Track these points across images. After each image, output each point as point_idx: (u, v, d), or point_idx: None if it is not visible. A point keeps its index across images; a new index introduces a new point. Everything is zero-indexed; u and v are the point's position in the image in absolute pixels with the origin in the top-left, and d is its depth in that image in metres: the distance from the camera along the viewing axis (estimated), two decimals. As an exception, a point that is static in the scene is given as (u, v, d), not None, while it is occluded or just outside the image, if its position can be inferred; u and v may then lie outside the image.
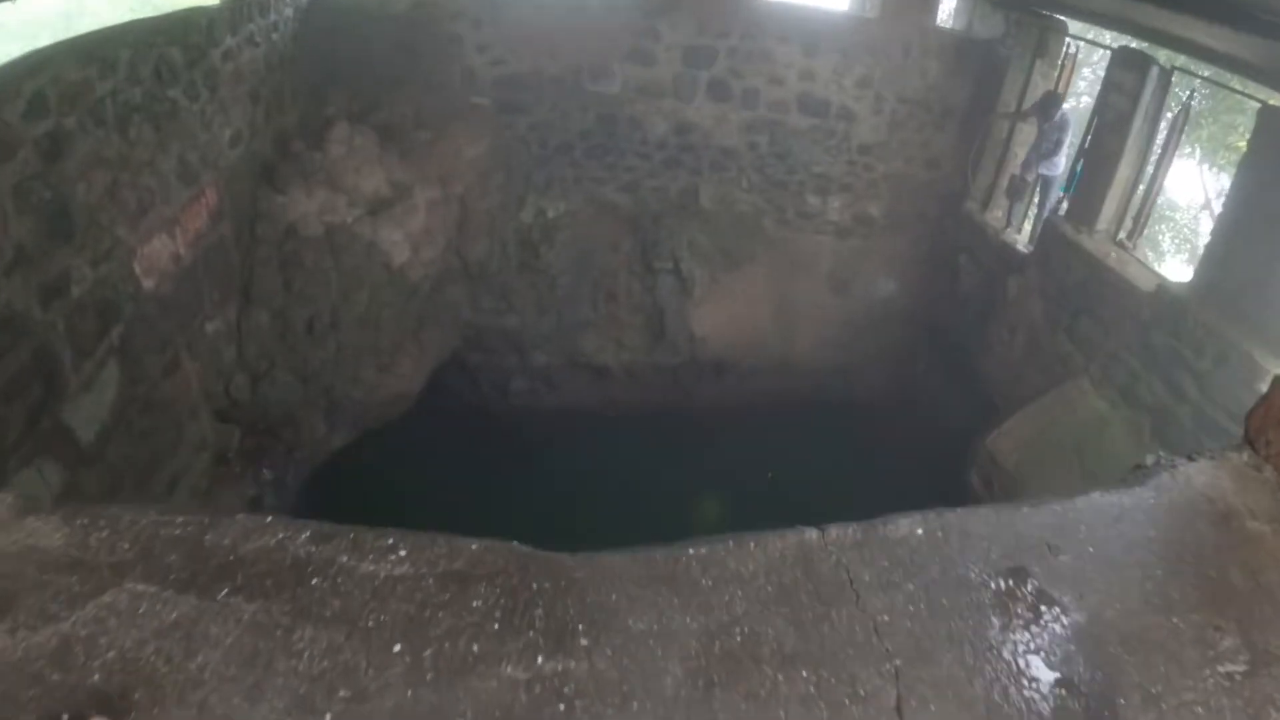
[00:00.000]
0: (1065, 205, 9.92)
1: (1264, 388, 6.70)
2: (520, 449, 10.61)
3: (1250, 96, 9.55)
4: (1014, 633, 1.66)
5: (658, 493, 10.35)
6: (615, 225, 10.77)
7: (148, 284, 6.25)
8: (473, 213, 9.62)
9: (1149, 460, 2.07)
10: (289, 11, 7.69)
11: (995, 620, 1.68)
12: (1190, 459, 2.07)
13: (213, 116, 6.55)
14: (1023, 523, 1.83)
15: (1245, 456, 2.06)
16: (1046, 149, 9.88)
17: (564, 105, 10.03)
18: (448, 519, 7.65)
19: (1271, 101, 8.37)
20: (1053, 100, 9.78)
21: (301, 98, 8.02)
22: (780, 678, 1.62)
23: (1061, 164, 10.08)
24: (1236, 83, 9.24)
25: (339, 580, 1.77)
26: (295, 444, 8.45)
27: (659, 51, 10.02)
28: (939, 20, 11.60)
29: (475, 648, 1.65)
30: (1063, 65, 10.59)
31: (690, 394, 11.60)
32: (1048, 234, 9.77)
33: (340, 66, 8.27)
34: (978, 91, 10.97)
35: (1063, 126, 9.80)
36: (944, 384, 11.40)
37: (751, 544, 1.97)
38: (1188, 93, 9.70)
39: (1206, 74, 9.35)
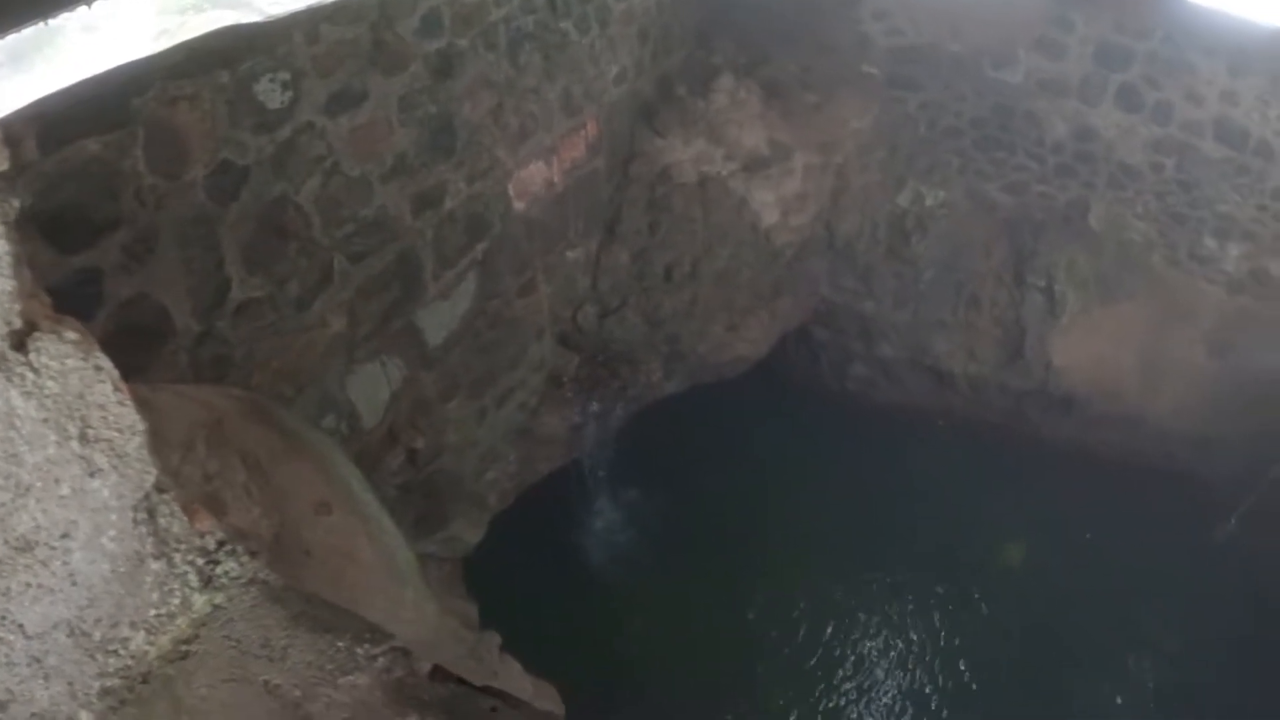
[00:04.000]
0: None
1: None
2: (844, 435, 10.17)
3: None
4: None
5: (966, 518, 9.60)
6: (992, 227, 9.79)
7: (519, 206, 6.51)
8: (849, 186, 9.18)
9: None
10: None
11: None
12: None
13: (601, 51, 6.66)
14: None
15: None
16: None
17: (959, 88, 9.17)
18: (753, 486, 7.64)
19: None
20: None
21: (689, 42, 7.98)
22: None
23: None
24: None
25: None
26: (629, 382, 8.60)
27: (1070, 44, 8.83)
28: None
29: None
30: None
31: (1029, 426, 10.43)
32: None
33: (731, 14, 8.12)
34: None
35: None
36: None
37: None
38: None
39: None
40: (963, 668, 8.55)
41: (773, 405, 9.91)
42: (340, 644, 1.47)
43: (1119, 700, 8.60)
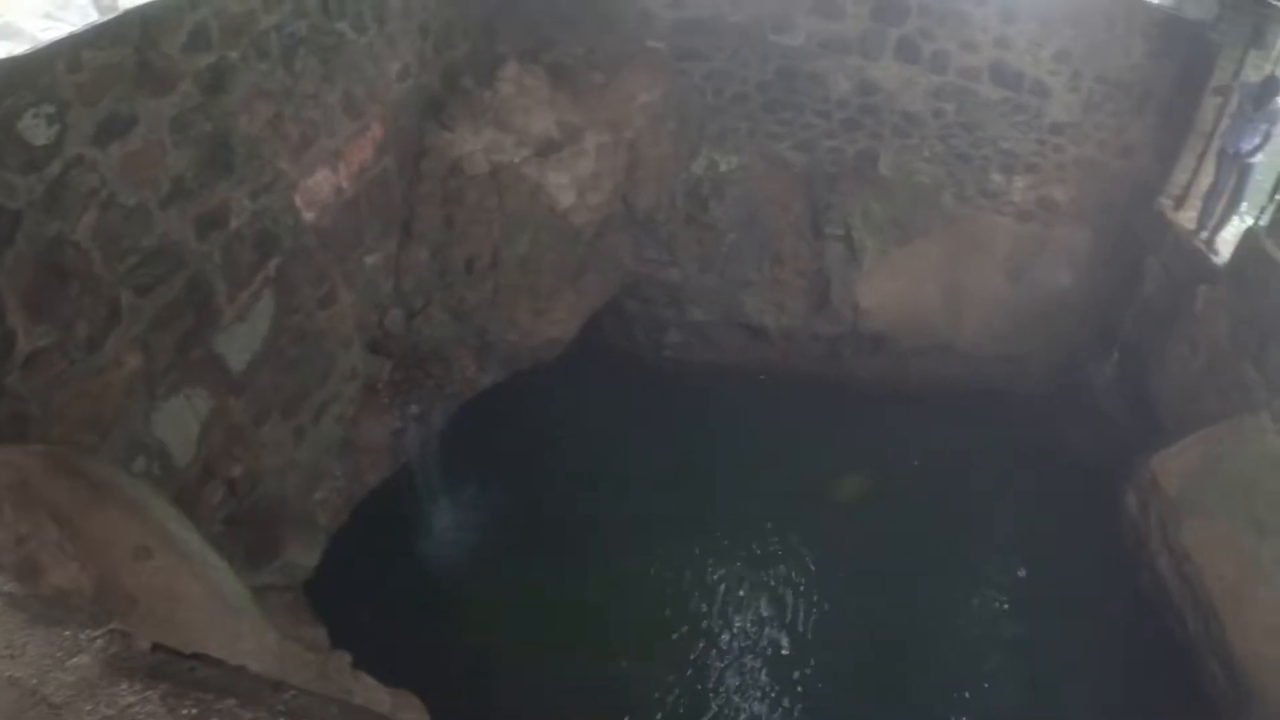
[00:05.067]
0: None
1: None
2: (667, 401, 10.46)
3: None
4: None
5: (802, 461, 10.08)
6: (787, 184, 10.25)
7: (308, 216, 6.28)
8: (643, 160, 9.32)
9: None
10: (460, -54, 7.55)
11: None
12: None
13: (381, 49, 6.47)
14: None
15: None
16: (1247, 130, 8.72)
17: (743, 55, 9.52)
18: (586, 465, 7.70)
19: None
20: (1274, 86, 8.57)
21: (473, 32, 7.88)
22: None
23: (1260, 153, 8.87)
24: None
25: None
26: (444, 380, 8.50)
27: (847, 4, 9.36)
28: None
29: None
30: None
31: (845, 366, 11.08)
32: (1246, 246, 8.58)
33: (515, 2, 8.06)
34: (1183, 78, 9.70)
35: (1272, 115, 8.60)
36: (1113, 391, 10.43)
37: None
38: None
39: None
40: (816, 603, 8.93)
41: (593, 382, 10.01)
42: (67, 633, 1.72)
43: (974, 602, 9.32)
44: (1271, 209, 8.67)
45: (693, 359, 10.92)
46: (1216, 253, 9.21)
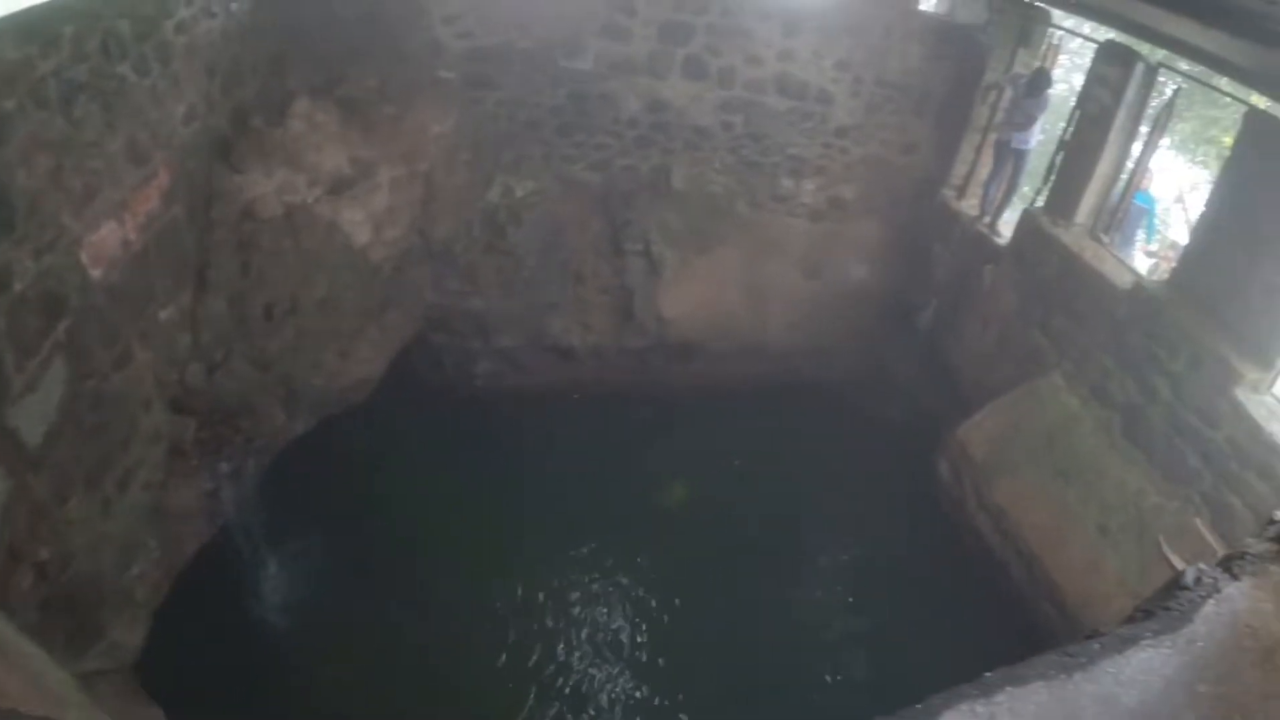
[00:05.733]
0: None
1: (1238, 393, 6.70)
2: (485, 431, 10.40)
3: (1235, 98, 9.45)
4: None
5: (624, 475, 10.24)
6: (585, 205, 10.46)
7: (96, 273, 5.86)
8: (438, 191, 9.27)
9: (1190, 577, 2.06)
10: (249, -21, 7.23)
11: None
12: (1232, 575, 2.07)
13: (165, 92, 6.12)
14: (1075, 694, 1.73)
15: (1283, 566, 2.06)
16: (1020, 120, 9.80)
17: (534, 81, 9.66)
18: (410, 503, 7.54)
19: (1258, 104, 8.29)
20: (1043, 78, 9.68)
21: (261, 70, 7.56)
22: None
23: (1033, 140, 10.01)
24: (1222, 82, 9.10)
25: None
26: (253, 433, 8.12)
27: (634, 27, 9.68)
28: (922, 4, 11.40)
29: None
30: (1045, 54, 10.49)
31: (658, 377, 11.42)
32: (1025, 226, 9.65)
33: (303, 37, 7.80)
34: (958, 78, 10.80)
35: (1042, 105, 9.72)
36: (915, 370, 11.34)
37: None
38: (1172, 89, 9.57)
39: (1189, 70, 9.25)
40: (657, 615, 9.09)
41: (407, 419, 9.84)
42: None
43: (816, 593, 9.74)
44: (1046, 191, 9.76)
45: (505, 386, 10.92)
46: (999, 235, 10.29)
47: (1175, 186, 15.56)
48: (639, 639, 8.84)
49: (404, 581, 8.57)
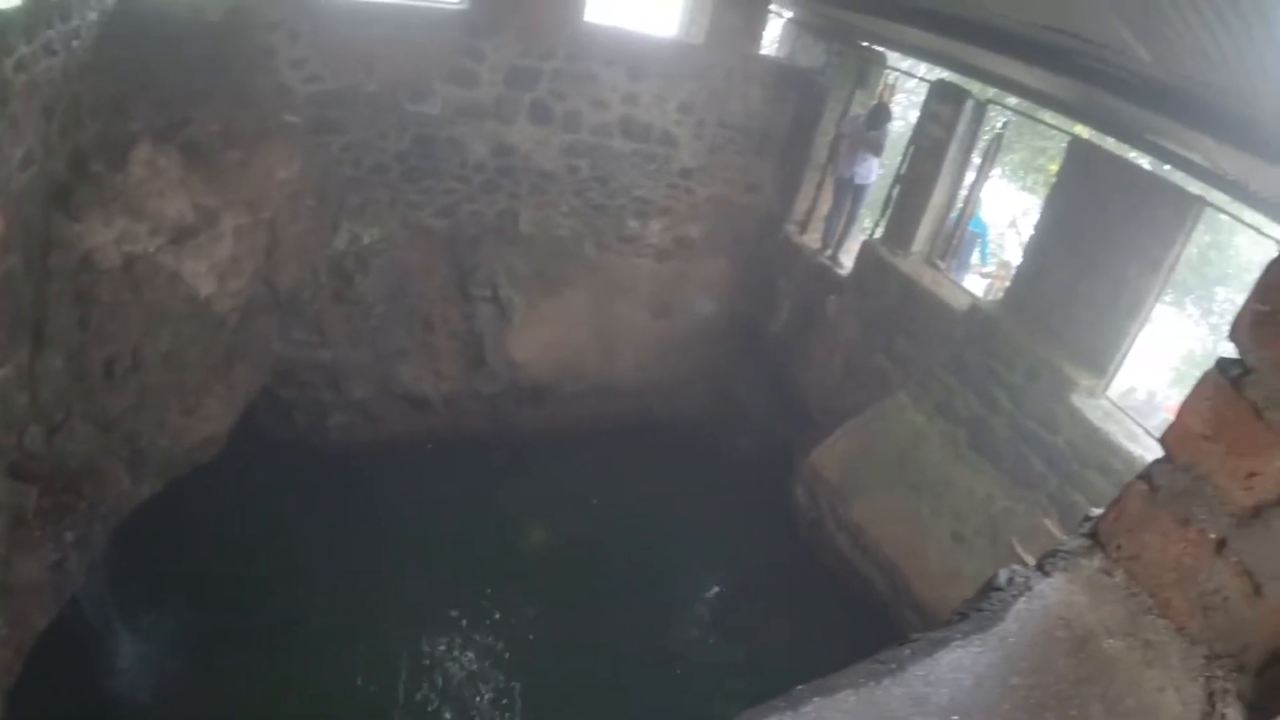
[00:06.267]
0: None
1: (1074, 400, 7.37)
2: (341, 486, 10.08)
3: (1058, 129, 10.46)
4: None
5: (483, 521, 10.17)
6: (432, 251, 10.38)
7: (-74, 330, 5.43)
8: (283, 239, 9.01)
9: (1002, 578, 2.05)
10: (93, 16, 6.80)
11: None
12: (1044, 572, 2.06)
13: (2, 135, 5.74)
14: (885, 697, 1.75)
15: (1096, 562, 2.07)
16: (860, 155, 10.41)
17: (381, 125, 9.56)
18: (266, 563, 7.25)
19: (1080, 133, 9.22)
20: (883, 111, 10.33)
21: (102, 112, 7.14)
22: None
23: (873, 175, 10.66)
24: (1047, 115, 10.05)
25: None
26: (98, 499, 7.59)
27: (482, 72, 9.74)
28: (763, 49, 11.89)
29: None
30: (882, 91, 11.27)
31: (511, 421, 11.39)
32: (865, 256, 10.21)
33: (147, 77, 7.43)
34: (798, 118, 11.40)
35: (884, 135, 10.36)
36: (767, 401, 11.75)
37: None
38: (1001, 122, 10.46)
39: (1017, 105, 10.20)
40: (529, 660, 8.99)
41: (259, 477, 9.41)
42: None
43: (691, 631, 9.85)
44: (884, 222, 10.39)
45: (359, 438, 10.61)
46: (841, 266, 10.84)
47: (1008, 212, 16.95)
48: (510, 685, 8.73)
49: (263, 644, 8.15)
